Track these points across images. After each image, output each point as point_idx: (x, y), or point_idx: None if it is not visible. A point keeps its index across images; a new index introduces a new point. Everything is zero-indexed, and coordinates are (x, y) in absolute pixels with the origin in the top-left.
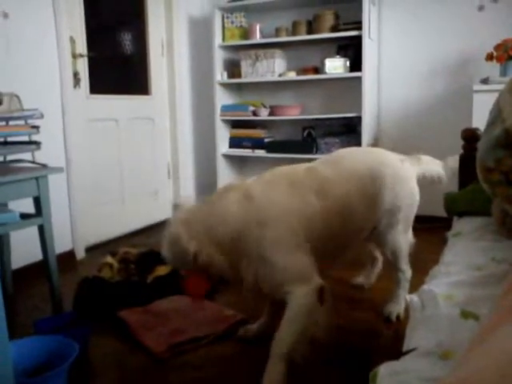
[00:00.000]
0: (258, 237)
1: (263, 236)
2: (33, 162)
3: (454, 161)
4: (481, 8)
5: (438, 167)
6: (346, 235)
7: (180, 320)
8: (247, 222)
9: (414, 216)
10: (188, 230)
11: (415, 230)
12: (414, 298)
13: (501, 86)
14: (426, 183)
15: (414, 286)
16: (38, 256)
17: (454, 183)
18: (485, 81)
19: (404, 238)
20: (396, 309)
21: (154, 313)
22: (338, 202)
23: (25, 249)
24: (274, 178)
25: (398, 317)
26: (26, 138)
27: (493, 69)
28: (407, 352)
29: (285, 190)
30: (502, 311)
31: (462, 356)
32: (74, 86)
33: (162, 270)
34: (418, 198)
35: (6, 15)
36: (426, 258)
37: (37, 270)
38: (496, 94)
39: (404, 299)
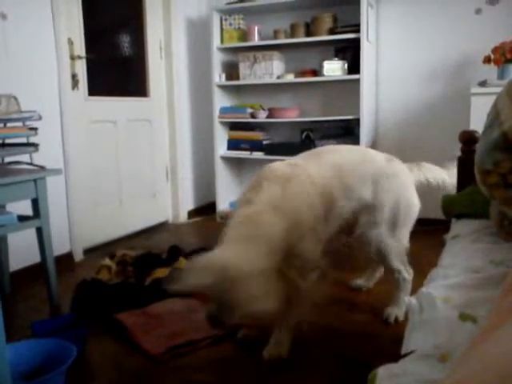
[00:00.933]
0: (300, 236)
1: (304, 234)
2: (31, 164)
3: (452, 166)
4: (478, 11)
5: (441, 173)
6: (330, 224)
7: (177, 322)
8: (290, 232)
9: (413, 219)
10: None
11: (413, 232)
12: (413, 300)
13: (498, 89)
14: (431, 189)
15: (413, 289)
16: (36, 258)
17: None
18: (482, 83)
19: (392, 239)
20: (394, 311)
21: (152, 315)
22: (322, 192)
23: (23, 251)
24: (274, 181)
25: (396, 319)
26: (24, 140)
27: (490, 71)
28: (406, 355)
29: (293, 188)
30: (502, 312)
31: (461, 357)
32: (73, 88)
33: (160, 273)
34: (406, 200)
35: (4, 16)
36: (424, 261)
37: (35, 272)
38: (493, 97)
39: (403, 302)
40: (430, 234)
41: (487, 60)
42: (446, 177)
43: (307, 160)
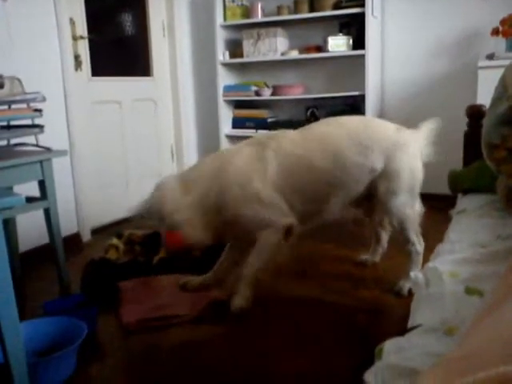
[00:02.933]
0: (233, 197)
1: (229, 196)
2: (36, 146)
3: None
4: None
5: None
6: (313, 191)
7: (165, 296)
8: (216, 181)
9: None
10: (172, 195)
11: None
12: (419, 275)
13: (506, 62)
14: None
15: (421, 265)
16: (44, 239)
17: (458, 160)
18: (490, 56)
19: (410, 207)
20: (407, 284)
21: (150, 286)
22: (295, 159)
23: (31, 232)
24: (243, 145)
25: (410, 292)
26: (28, 122)
27: (498, 44)
28: (412, 328)
29: (247, 154)
30: (507, 286)
31: (467, 330)
32: (76, 69)
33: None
34: (418, 166)
35: None
36: (431, 236)
37: (44, 253)
38: (501, 70)
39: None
40: (436, 209)
41: (495, 32)
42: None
43: (296, 131)
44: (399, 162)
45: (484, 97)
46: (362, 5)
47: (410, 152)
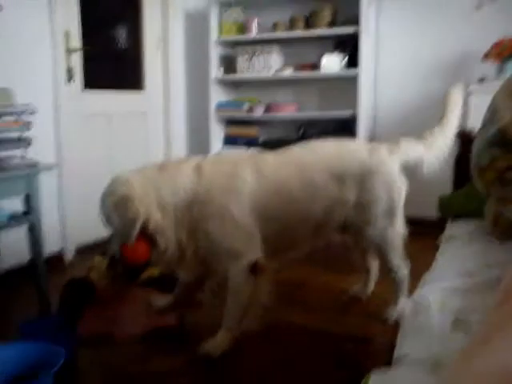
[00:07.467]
0: (202, 212)
1: (206, 212)
2: (23, 160)
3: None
4: (479, 7)
5: (419, 150)
6: (288, 219)
7: (126, 310)
8: (194, 197)
9: (402, 211)
10: (138, 193)
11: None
12: (407, 304)
13: (497, 86)
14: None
15: (408, 292)
16: (23, 259)
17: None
18: (481, 80)
19: (391, 230)
20: (395, 311)
21: (124, 295)
22: (274, 184)
23: (10, 251)
24: (220, 160)
25: (397, 320)
26: (17, 135)
27: (489, 68)
28: (398, 360)
29: (225, 170)
30: (493, 325)
31: (453, 369)
32: (68, 81)
33: (153, 271)
34: (397, 186)
35: None
36: (419, 263)
37: (23, 273)
38: (492, 94)
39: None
40: (424, 234)
41: (487, 56)
42: (424, 152)
43: (273, 154)
44: (373, 191)
45: (475, 120)
46: (357, 23)
47: (385, 177)
